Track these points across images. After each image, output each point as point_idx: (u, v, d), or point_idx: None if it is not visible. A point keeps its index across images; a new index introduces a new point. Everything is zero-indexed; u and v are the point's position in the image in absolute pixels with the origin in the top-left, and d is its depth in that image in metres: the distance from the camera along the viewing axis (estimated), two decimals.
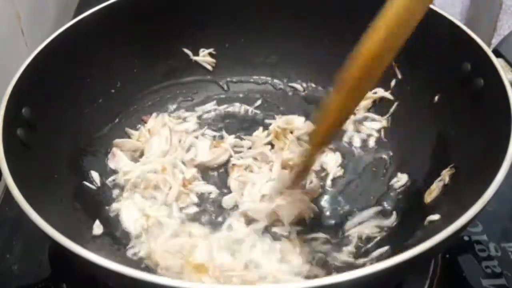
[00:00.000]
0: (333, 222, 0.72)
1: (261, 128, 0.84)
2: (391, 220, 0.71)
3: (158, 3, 0.85)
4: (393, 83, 0.85)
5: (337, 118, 0.61)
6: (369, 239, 0.69)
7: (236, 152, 0.81)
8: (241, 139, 0.83)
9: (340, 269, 0.65)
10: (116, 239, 0.70)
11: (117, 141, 0.81)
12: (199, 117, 0.88)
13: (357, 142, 0.83)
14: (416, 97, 0.81)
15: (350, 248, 0.68)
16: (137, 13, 0.83)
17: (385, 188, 0.76)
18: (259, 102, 0.91)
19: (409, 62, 0.82)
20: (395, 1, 0.52)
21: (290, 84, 0.93)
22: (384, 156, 0.81)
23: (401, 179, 0.76)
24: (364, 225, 0.71)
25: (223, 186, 0.77)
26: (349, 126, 0.84)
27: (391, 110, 0.85)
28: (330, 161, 0.79)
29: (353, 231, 0.70)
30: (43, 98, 0.70)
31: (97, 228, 0.68)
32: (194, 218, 0.72)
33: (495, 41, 1.50)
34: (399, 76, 0.84)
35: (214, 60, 0.93)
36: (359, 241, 0.69)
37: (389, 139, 0.83)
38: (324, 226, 0.72)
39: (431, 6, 0.76)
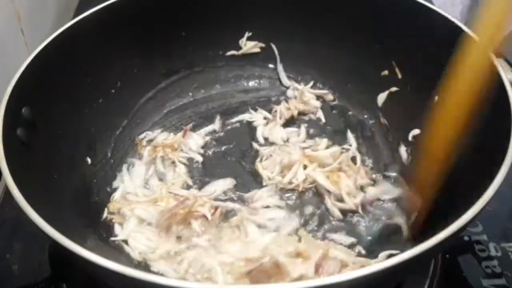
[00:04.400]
0: None
1: None
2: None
3: (158, 3, 0.85)
4: (393, 83, 0.85)
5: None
6: None
7: None
8: None
9: None
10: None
11: None
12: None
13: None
14: (416, 97, 0.81)
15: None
16: (137, 13, 0.83)
17: None
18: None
19: (409, 62, 0.82)
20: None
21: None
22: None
23: None
24: None
25: None
26: None
27: (391, 110, 0.85)
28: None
29: None
30: (43, 98, 0.70)
31: None
32: None
33: None
34: (399, 76, 0.84)
35: None
36: None
37: (389, 139, 0.83)
38: None
39: (431, 6, 0.76)
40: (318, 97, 0.91)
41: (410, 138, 0.80)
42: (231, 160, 0.81)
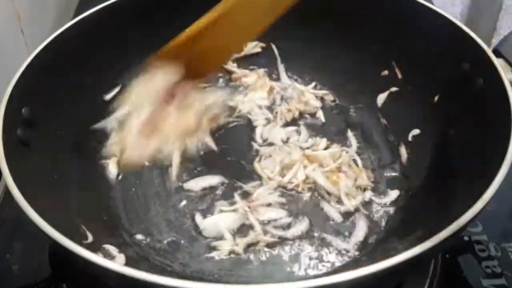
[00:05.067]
0: None
1: None
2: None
3: (158, 3, 0.85)
4: (393, 83, 0.85)
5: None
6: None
7: None
8: None
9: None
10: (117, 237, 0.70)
11: None
12: None
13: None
14: (416, 97, 0.81)
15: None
16: (137, 13, 0.83)
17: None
18: None
19: (409, 62, 0.82)
20: None
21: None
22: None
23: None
24: None
25: None
26: None
27: (391, 110, 0.85)
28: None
29: None
30: (43, 98, 0.70)
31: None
32: None
33: (495, 41, 1.50)
34: (399, 76, 0.84)
35: None
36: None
37: (389, 139, 0.83)
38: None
39: (431, 6, 0.76)
40: (318, 97, 0.91)
41: (410, 138, 0.80)
42: (231, 160, 0.81)
